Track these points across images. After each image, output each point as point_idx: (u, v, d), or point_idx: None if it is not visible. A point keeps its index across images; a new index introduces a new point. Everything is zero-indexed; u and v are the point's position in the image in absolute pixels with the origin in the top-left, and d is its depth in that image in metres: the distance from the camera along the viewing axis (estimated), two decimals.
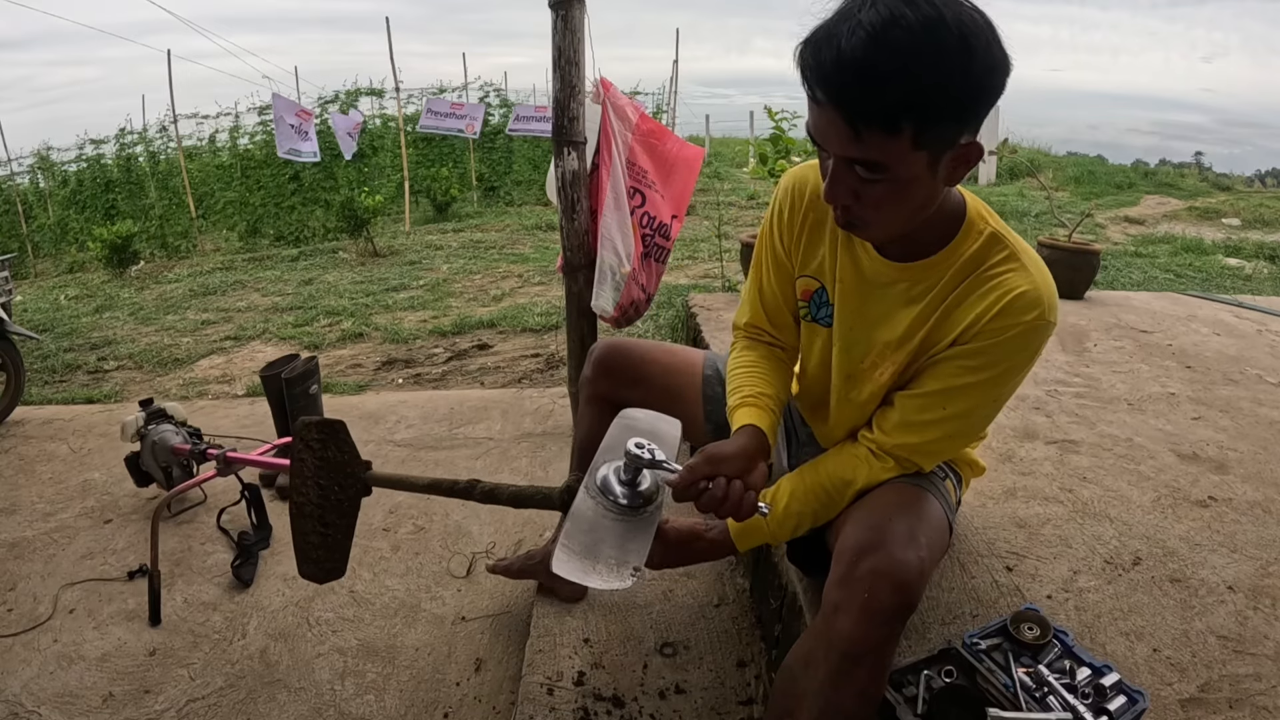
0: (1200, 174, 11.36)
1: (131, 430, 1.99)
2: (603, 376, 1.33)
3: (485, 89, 10.46)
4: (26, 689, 1.44)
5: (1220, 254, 5.96)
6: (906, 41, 0.69)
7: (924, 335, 0.94)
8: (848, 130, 0.75)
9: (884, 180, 0.78)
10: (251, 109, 9.18)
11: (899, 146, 0.74)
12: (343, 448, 1.22)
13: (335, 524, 1.22)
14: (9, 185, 9.87)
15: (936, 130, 0.75)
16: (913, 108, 0.72)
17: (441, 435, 2.47)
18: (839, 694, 0.84)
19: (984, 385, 0.91)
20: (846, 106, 0.73)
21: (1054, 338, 2.46)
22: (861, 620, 0.82)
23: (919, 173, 0.78)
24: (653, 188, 2.27)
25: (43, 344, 4.29)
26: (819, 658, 0.86)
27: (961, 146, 0.78)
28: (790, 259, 1.05)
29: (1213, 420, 1.80)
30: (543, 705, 1.22)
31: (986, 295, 0.89)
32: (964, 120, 0.76)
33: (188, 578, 1.76)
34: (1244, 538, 1.29)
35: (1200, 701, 0.95)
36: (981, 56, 0.72)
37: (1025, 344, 0.89)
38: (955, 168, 0.80)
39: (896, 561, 0.84)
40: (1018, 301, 0.87)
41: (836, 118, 0.75)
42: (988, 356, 0.89)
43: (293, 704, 1.39)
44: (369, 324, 4.34)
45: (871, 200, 0.81)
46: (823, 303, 1.04)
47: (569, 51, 1.98)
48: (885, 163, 0.76)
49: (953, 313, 0.91)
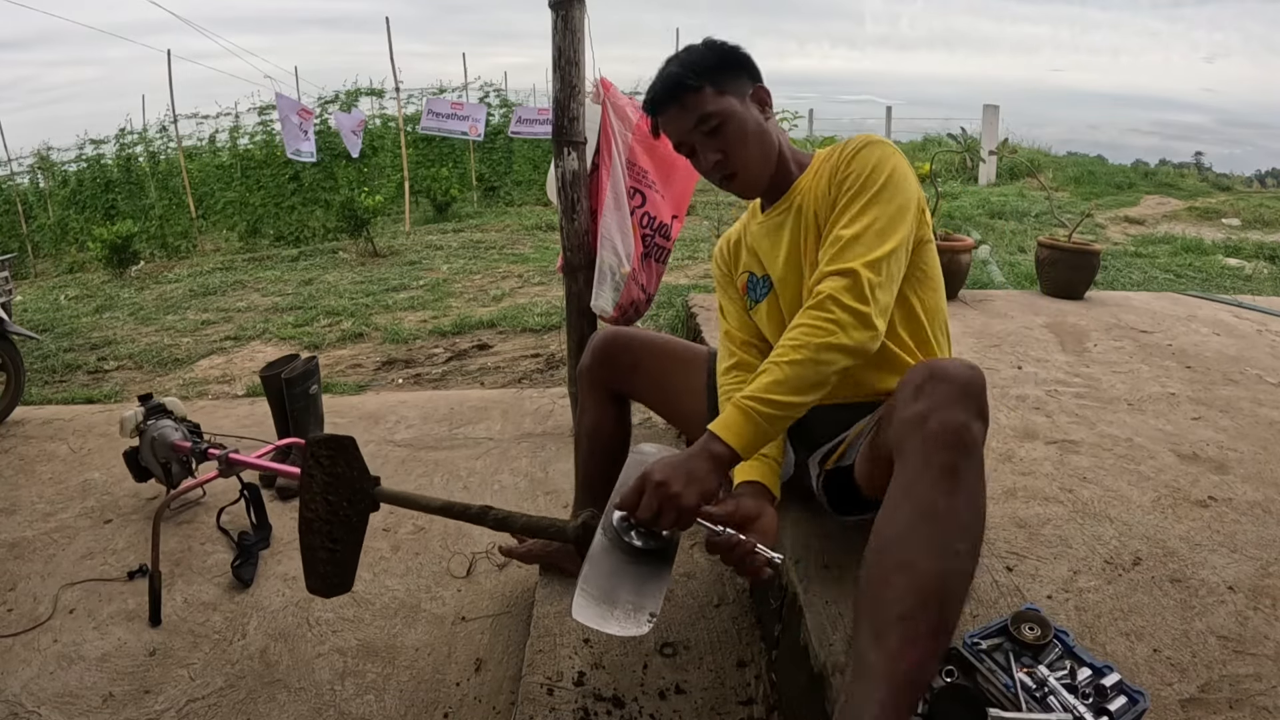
0: (1200, 174, 11.35)
1: (131, 425, 1.98)
2: (601, 365, 1.38)
3: (485, 89, 10.47)
4: (26, 689, 1.44)
5: (1220, 254, 5.96)
6: (680, 56, 1.15)
7: (815, 224, 1.14)
8: (680, 110, 1.12)
9: (721, 125, 1.11)
10: (251, 109, 9.20)
11: (709, 97, 1.10)
12: (352, 464, 1.24)
13: (343, 539, 1.23)
14: (9, 185, 9.88)
15: (721, 79, 1.11)
16: (697, 74, 1.11)
17: (441, 435, 2.47)
18: (952, 502, 0.80)
19: (857, 194, 1.07)
20: (673, 98, 1.13)
21: (1054, 337, 2.47)
22: (951, 407, 0.84)
23: (735, 108, 1.11)
24: (653, 188, 2.27)
25: (43, 344, 4.29)
26: (919, 484, 0.82)
27: (753, 91, 1.15)
28: (733, 280, 1.33)
29: (1213, 420, 1.80)
30: (543, 705, 1.22)
31: (830, 164, 1.13)
32: (736, 71, 1.14)
33: (188, 578, 1.76)
34: (1244, 538, 1.29)
35: (1200, 702, 0.95)
36: (717, 47, 1.15)
37: (868, 154, 1.08)
38: (762, 106, 1.16)
39: (931, 363, 0.92)
40: (843, 145, 1.13)
41: (674, 109, 1.13)
42: (848, 180, 1.08)
43: (293, 704, 1.39)
44: (369, 324, 4.34)
45: (727, 144, 1.12)
46: (756, 282, 1.26)
47: (569, 51, 1.99)
48: (712, 111, 1.10)
49: (819, 194, 1.13)
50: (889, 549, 0.80)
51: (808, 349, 0.98)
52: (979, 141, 9.67)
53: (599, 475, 1.39)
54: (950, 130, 10.34)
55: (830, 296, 0.99)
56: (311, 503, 1.20)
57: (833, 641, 1.06)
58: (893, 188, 1.06)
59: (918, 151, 10.97)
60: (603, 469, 1.39)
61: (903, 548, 0.79)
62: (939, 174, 3.41)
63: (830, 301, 0.99)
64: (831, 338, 0.98)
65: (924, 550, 0.78)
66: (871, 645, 0.75)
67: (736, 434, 0.97)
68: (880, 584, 0.78)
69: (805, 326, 0.99)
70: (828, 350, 0.97)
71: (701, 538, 1.16)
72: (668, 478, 0.92)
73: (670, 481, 0.92)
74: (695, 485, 0.93)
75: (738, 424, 0.97)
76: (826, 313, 0.99)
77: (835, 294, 0.99)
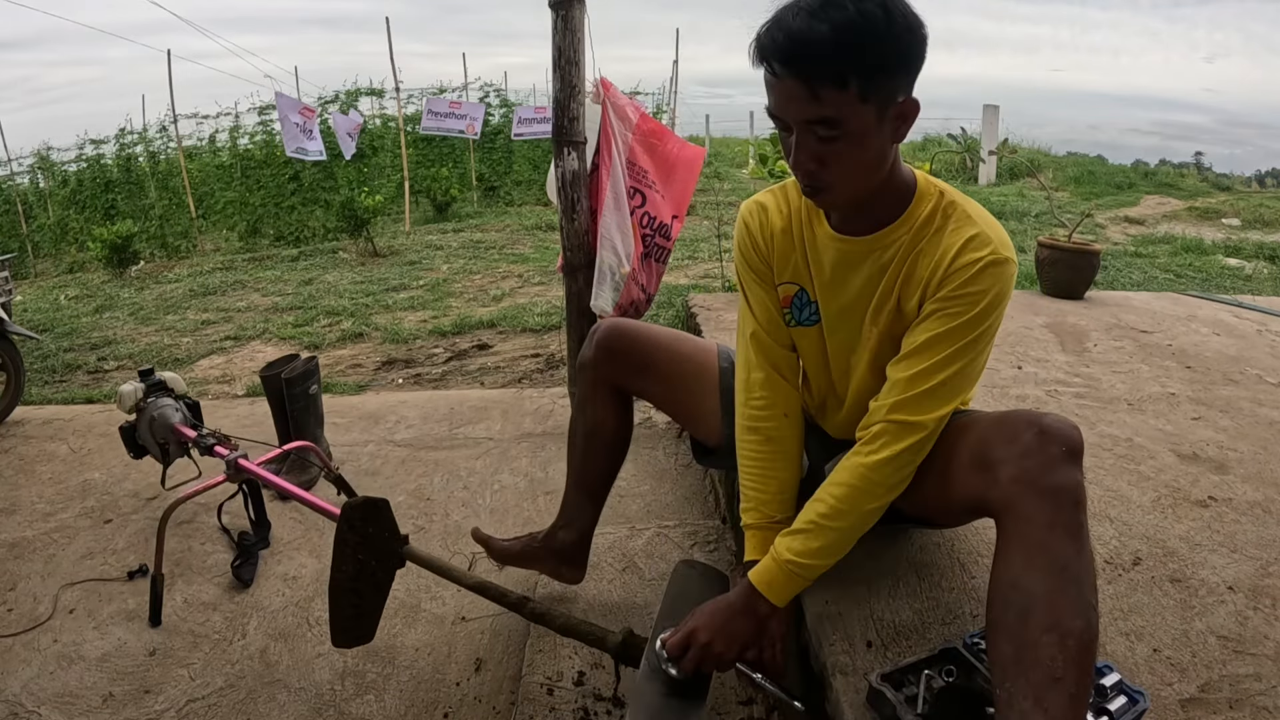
0: (1200, 174, 11.35)
1: (130, 402, 1.92)
2: (608, 360, 1.30)
3: (485, 89, 10.49)
4: (26, 689, 1.44)
5: (1220, 254, 5.96)
6: (839, 14, 0.83)
7: (895, 293, 1.01)
8: (805, 92, 0.86)
9: (841, 136, 0.88)
10: (251, 109, 9.19)
11: (849, 100, 0.86)
12: (384, 524, 1.28)
13: (368, 595, 1.28)
14: (9, 185, 9.88)
15: (876, 82, 0.86)
16: (853, 64, 0.84)
17: (441, 435, 2.47)
18: (1083, 560, 0.82)
19: (961, 329, 0.95)
20: (801, 72, 0.86)
21: (1054, 337, 2.47)
22: (1067, 466, 0.85)
23: (869, 125, 0.88)
24: (653, 188, 2.27)
25: (43, 344, 4.29)
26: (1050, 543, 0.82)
27: (900, 103, 0.90)
28: (769, 269, 1.13)
29: (1213, 420, 1.80)
30: (543, 705, 1.22)
31: (941, 245, 0.97)
32: (897, 74, 0.88)
33: (188, 578, 1.76)
34: (1244, 538, 1.29)
35: (1200, 701, 0.95)
36: (899, 20, 0.85)
37: (988, 281, 0.94)
38: (899, 124, 0.92)
39: (1038, 418, 0.89)
40: (970, 244, 0.95)
41: (794, 84, 0.86)
42: (957, 302, 0.95)
43: (293, 704, 1.39)
44: (369, 324, 4.34)
45: (833, 158, 0.91)
46: (804, 303, 1.12)
47: (569, 51, 1.99)
48: (839, 117, 0.87)
49: (915, 268, 0.99)
50: (1034, 610, 0.80)
51: (855, 514, 0.98)
52: (979, 141, 9.67)
53: (597, 478, 1.37)
54: (950, 130, 10.33)
55: (887, 460, 0.96)
56: (343, 564, 1.24)
57: (833, 641, 1.06)
58: (994, 327, 0.97)
59: (918, 151, 10.98)
60: (601, 471, 1.37)
61: (1049, 610, 0.80)
62: (939, 174, 3.41)
63: (885, 465, 0.96)
64: (879, 501, 0.99)
65: (1069, 611, 0.80)
66: (1034, 709, 0.76)
67: (779, 592, 1.01)
68: (1033, 646, 0.79)
69: (854, 490, 0.98)
70: (875, 514, 1.00)
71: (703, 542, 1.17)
72: (713, 639, 0.99)
73: (714, 642, 0.99)
74: (737, 643, 1.00)
75: (780, 583, 1.01)
76: (878, 475, 0.97)
77: (893, 458, 0.96)
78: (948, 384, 0.96)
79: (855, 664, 1.02)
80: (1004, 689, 0.80)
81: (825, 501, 0.99)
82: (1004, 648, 0.82)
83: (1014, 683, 0.79)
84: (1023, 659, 0.80)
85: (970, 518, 1.10)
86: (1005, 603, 0.83)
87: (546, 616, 1.16)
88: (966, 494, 0.94)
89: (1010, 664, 0.80)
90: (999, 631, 0.83)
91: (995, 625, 0.84)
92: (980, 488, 0.90)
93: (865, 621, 1.10)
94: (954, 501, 0.98)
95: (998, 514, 0.88)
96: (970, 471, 0.93)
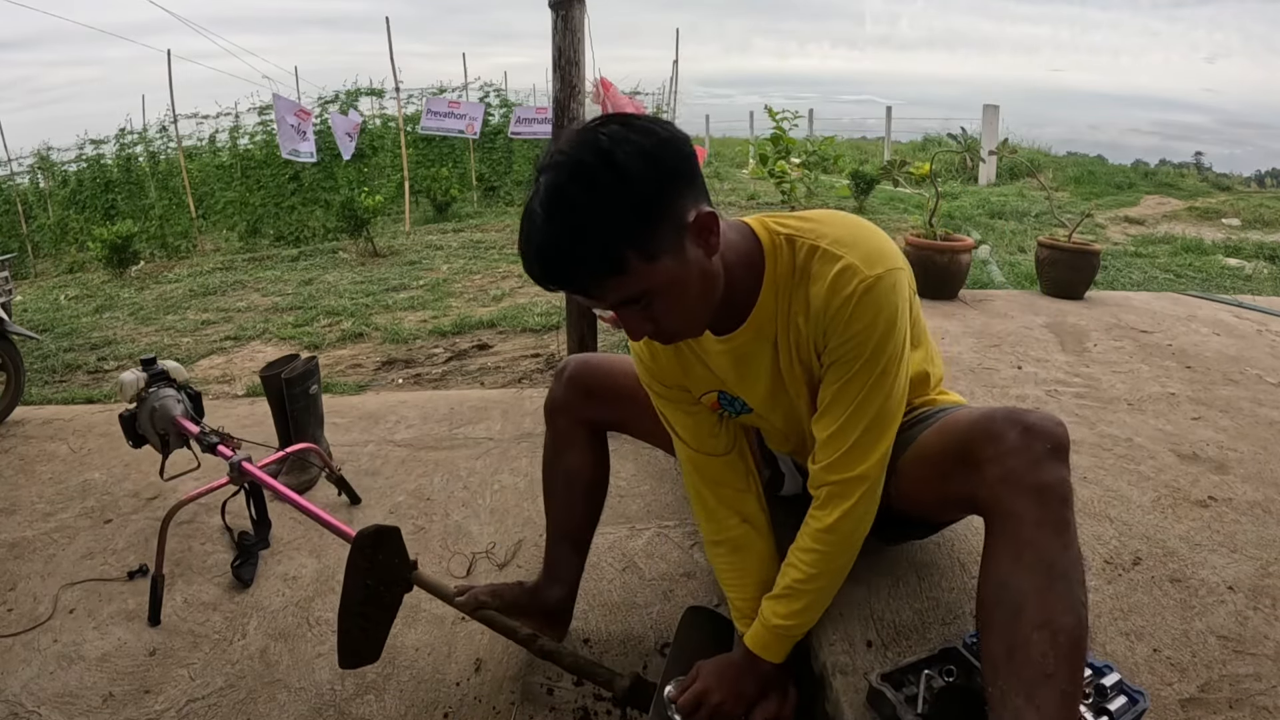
0: (1200, 174, 11.36)
1: (131, 391, 1.90)
2: (583, 397, 1.27)
3: (485, 89, 10.48)
4: (26, 689, 1.44)
5: (1220, 254, 5.96)
6: (568, 208, 0.77)
7: (794, 359, 0.99)
8: (591, 294, 0.84)
9: (656, 298, 0.85)
10: (251, 109, 9.20)
11: (638, 273, 0.81)
12: (394, 551, 1.29)
13: (374, 617, 1.29)
14: (9, 185, 9.88)
15: (651, 239, 0.80)
16: (618, 244, 0.79)
17: (441, 435, 2.47)
18: (1070, 556, 0.82)
19: (860, 373, 0.93)
20: (570, 285, 0.83)
21: (1054, 337, 2.47)
22: (1053, 463, 0.84)
23: (674, 273, 0.84)
24: None
25: (43, 344, 4.29)
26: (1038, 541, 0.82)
27: (691, 223, 0.84)
28: (684, 390, 1.11)
29: (1213, 420, 1.80)
30: (543, 705, 1.22)
31: (806, 297, 0.93)
32: (667, 216, 0.81)
33: (188, 578, 1.76)
34: (1244, 538, 1.29)
35: (1200, 701, 0.95)
36: (635, 166, 0.78)
37: (868, 313, 0.90)
38: (704, 239, 0.86)
39: (1021, 416, 0.88)
40: (835, 283, 0.90)
41: (574, 294, 0.85)
42: (846, 348, 0.92)
43: (293, 704, 1.39)
44: (369, 324, 4.34)
45: (663, 315, 0.88)
46: (730, 399, 1.09)
47: (569, 51, 1.99)
48: (642, 289, 0.83)
49: (795, 328, 0.96)
50: (1025, 607, 0.81)
51: (827, 574, 1.01)
52: (979, 141, 9.68)
53: (580, 525, 1.34)
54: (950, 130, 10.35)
55: (842, 516, 0.97)
56: (353, 590, 1.25)
57: (833, 641, 1.06)
58: (893, 348, 0.92)
59: (918, 151, 10.98)
60: (584, 517, 1.34)
61: (1039, 607, 0.80)
62: (939, 174, 3.41)
63: (841, 521, 0.97)
64: (848, 553, 1.00)
65: (1059, 608, 0.80)
66: (1026, 705, 0.77)
67: (775, 652, 1.04)
68: (1024, 644, 0.79)
69: (819, 554, 0.99)
70: (846, 563, 1.02)
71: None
72: (725, 699, 1.03)
73: (726, 702, 1.03)
74: (744, 702, 1.04)
75: (774, 645, 1.04)
76: (838, 534, 0.98)
77: (848, 513, 0.97)
78: (871, 429, 0.94)
79: (855, 664, 1.02)
80: (996, 687, 0.80)
81: (797, 567, 1.01)
82: (995, 646, 0.82)
83: (1006, 681, 0.79)
84: (1014, 657, 0.80)
85: (961, 514, 1.11)
86: (995, 601, 0.84)
87: (556, 655, 1.18)
88: (954, 492, 0.94)
89: (1002, 662, 0.81)
90: (990, 630, 0.83)
91: (986, 624, 0.84)
92: (967, 486, 0.91)
93: (865, 621, 1.10)
94: (945, 501, 0.99)
95: (985, 512, 0.89)
96: (956, 470, 0.93)
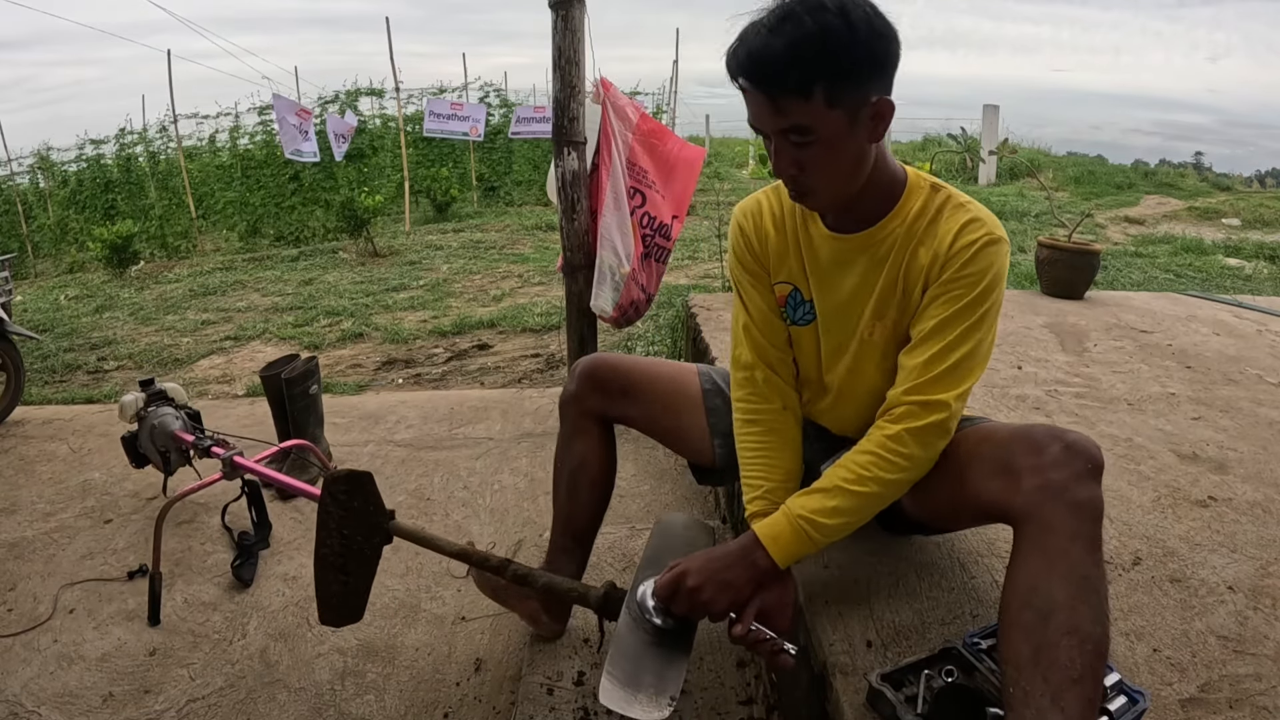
0: (1200, 174, 11.36)
1: (131, 411, 1.94)
2: (593, 392, 1.29)
3: (485, 89, 10.48)
4: (26, 689, 1.44)
5: (1220, 254, 5.96)
6: (796, 29, 0.86)
7: (899, 285, 1.03)
8: (771, 104, 0.90)
9: (814, 142, 0.91)
10: (251, 109, 9.20)
11: (816, 108, 0.88)
12: (368, 499, 1.26)
13: (355, 571, 1.25)
14: (9, 185, 9.88)
15: (841, 89, 0.88)
16: (813, 75, 0.87)
17: (441, 435, 2.47)
18: (1100, 571, 0.84)
19: (967, 309, 0.98)
20: (764, 86, 0.89)
21: (1054, 337, 2.47)
22: (1089, 481, 0.86)
23: (841, 130, 0.91)
24: (653, 188, 2.27)
25: (43, 344, 4.29)
26: (1071, 553, 0.84)
27: (873, 103, 0.91)
28: (765, 270, 1.15)
29: (1213, 420, 1.80)
30: (543, 705, 1.22)
31: (938, 232, 1.00)
32: (863, 79, 0.89)
33: (188, 578, 1.76)
34: (1244, 538, 1.29)
35: (1200, 701, 0.95)
36: (861, 27, 0.87)
37: (987, 261, 0.97)
38: (875, 124, 0.93)
39: (1063, 433, 0.90)
40: (966, 228, 0.98)
41: (761, 98, 0.90)
42: (959, 284, 0.98)
43: (293, 704, 1.39)
44: (369, 324, 4.34)
45: (810, 163, 0.94)
46: (799, 302, 1.13)
47: (569, 51, 1.99)
48: (809, 125, 0.90)
49: (915, 258, 1.01)
50: (1055, 612, 0.82)
51: (877, 483, 0.97)
52: (979, 141, 9.68)
53: (586, 516, 1.33)
54: (950, 130, 10.35)
55: (912, 432, 0.96)
56: (327, 539, 1.22)
57: (833, 641, 1.06)
58: (997, 305, 0.99)
59: (917, 151, 10.99)
60: (589, 511, 1.33)
61: (1070, 614, 0.81)
62: (939, 174, 3.41)
63: (910, 438, 0.96)
64: (904, 474, 0.98)
65: (1089, 617, 0.82)
66: (1052, 707, 0.78)
67: (783, 549, 0.98)
68: (1052, 647, 0.81)
69: (878, 458, 0.97)
70: (897, 486, 0.99)
71: None
72: (702, 584, 0.96)
73: (703, 588, 0.95)
74: (728, 594, 0.96)
75: (786, 539, 0.98)
76: (904, 448, 0.97)
77: (919, 432, 0.96)
78: (961, 364, 0.97)
79: (855, 664, 1.02)
80: (1018, 686, 0.81)
81: (848, 467, 0.99)
82: (1021, 647, 0.82)
83: (1030, 682, 0.80)
84: (1040, 659, 0.80)
85: (977, 523, 1.10)
86: (1024, 603, 0.84)
87: (529, 578, 1.15)
88: (984, 498, 0.94)
89: (1027, 663, 0.81)
90: (1016, 630, 0.84)
91: (1012, 624, 0.84)
92: (1001, 493, 0.91)
93: (865, 621, 1.10)
94: (968, 505, 0.98)
95: (1018, 520, 0.89)
96: (990, 477, 0.93)
